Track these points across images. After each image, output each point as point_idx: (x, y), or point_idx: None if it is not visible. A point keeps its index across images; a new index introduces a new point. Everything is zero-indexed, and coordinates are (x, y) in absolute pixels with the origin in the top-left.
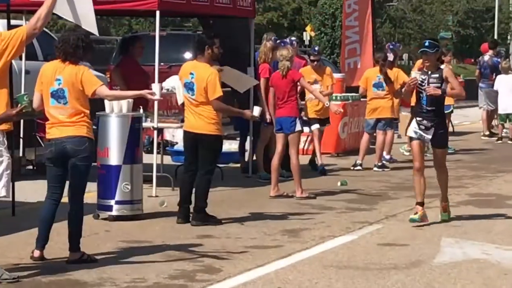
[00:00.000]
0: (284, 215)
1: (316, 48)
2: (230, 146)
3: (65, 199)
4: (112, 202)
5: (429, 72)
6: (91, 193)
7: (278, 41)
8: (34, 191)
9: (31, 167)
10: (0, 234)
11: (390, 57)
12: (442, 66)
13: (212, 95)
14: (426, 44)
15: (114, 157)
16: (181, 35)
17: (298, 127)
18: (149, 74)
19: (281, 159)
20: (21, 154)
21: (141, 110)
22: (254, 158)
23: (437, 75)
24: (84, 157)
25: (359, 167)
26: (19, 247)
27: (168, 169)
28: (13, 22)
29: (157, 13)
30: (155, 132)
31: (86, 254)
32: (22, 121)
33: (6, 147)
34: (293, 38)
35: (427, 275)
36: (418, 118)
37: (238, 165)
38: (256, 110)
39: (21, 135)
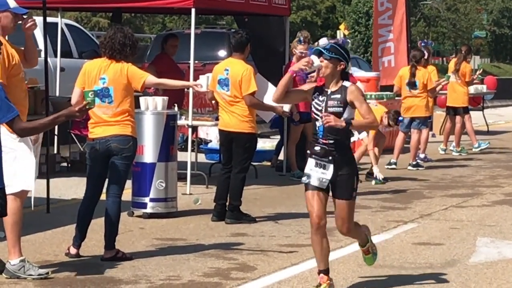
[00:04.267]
0: None
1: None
2: (264, 144)
3: (101, 196)
4: (147, 199)
5: (329, 91)
6: (126, 191)
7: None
8: (68, 188)
9: (65, 164)
10: (35, 231)
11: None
12: (347, 84)
13: (246, 90)
14: (327, 46)
15: (149, 154)
16: (215, 33)
17: None
18: (184, 72)
19: None
20: (55, 152)
21: (176, 108)
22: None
23: (338, 96)
24: (127, 156)
25: (393, 166)
26: (53, 244)
27: (202, 167)
28: (49, 19)
29: (193, 10)
30: (189, 130)
31: (121, 252)
32: None
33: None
34: (346, 39)
35: (463, 274)
36: (313, 154)
37: (269, 163)
38: (287, 106)
39: (56, 133)
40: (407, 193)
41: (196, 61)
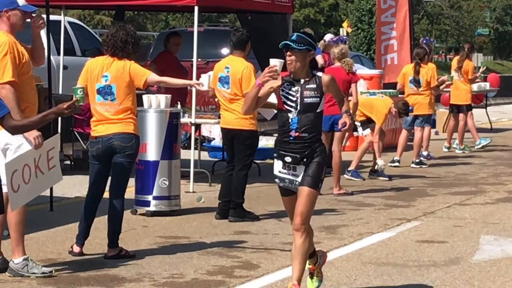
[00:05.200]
0: (321, 212)
1: None
2: (267, 142)
3: (104, 194)
4: (150, 197)
5: (302, 81)
6: (129, 189)
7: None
8: (71, 186)
9: (68, 162)
10: (38, 229)
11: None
12: (320, 74)
13: (246, 87)
14: (294, 37)
15: (152, 152)
16: (218, 31)
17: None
18: (187, 70)
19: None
20: (58, 150)
21: (179, 106)
22: None
23: (313, 86)
24: (129, 154)
25: (397, 164)
26: (57, 242)
27: (205, 165)
28: (52, 17)
29: (196, 8)
30: (193, 127)
31: (124, 250)
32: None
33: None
34: (344, 37)
35: (466, 272)
36: (281, 152)
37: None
38: None
39: (59, 131)
40: (410, 191)
41: (199, 59)
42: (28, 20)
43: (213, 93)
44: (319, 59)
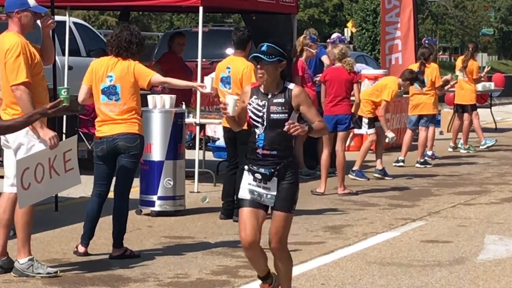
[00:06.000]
0: (326, 212)
1: None
2: None
3: (109, 195)
4: (155, 197)
5: (270, 95)
6: (133, 189)
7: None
8: (76, 186)
9: None
10: (43, 229)
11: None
12: (291, 86)
13: None
14: (264, 48)
15: (156, 152)
16: (223, 31)
17: (351, 124)
18: (191, 70)
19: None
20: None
21: (184, 106)
22: None
23: (281, 100)
24: (134, 154)
25: (401, 163)
26: (62, 242)
27: (210, 165)
28: (56, 18)
29: (200, 9)
30: (197, 128)
31: (129, 250)
32: (64, 116)
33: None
34: (342, 37)
35: (471, 272)
36: (251, 168)
37: None
38: None
39: (64, 131)
40: (415, 190)
41: (204, 59)
42: (38, 21)
43: (217, 93)
44: (325, 59)
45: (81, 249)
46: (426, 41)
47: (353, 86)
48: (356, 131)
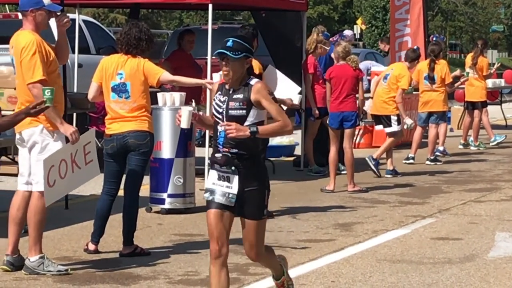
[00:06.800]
0: (336, 209)
1: None
2: (282, 139)
3: (119, 192)
4: (165, 195)
5: (231, 90)
6: (143, 186)
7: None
8: (86, 184)
9: None
10: (54, 227)
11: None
12: (253, 82)
13: None
14: (229, 43)
15: (167, 150)
16: (232, 29)
17: (357, 121)
18: (201, 67)
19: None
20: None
21: (193, 104)
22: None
23: (240, 96)
24: (144, 152)
25: (411, 161)
26: (72, 240)
27: None
28: None
29: (210, 6)
30: None
31: (139, 247)
32: (74, 114)
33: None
34: (344, 34)
35: (482, 269)
36: (214, 163)
37: (291, 158)
38: (297, 99)
39: None
40: (425, 188)
41: (213, 57)
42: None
43: None
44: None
45: (92, 247)
46: (434, 38)
47: (358, 83)
48: (387, 130)
